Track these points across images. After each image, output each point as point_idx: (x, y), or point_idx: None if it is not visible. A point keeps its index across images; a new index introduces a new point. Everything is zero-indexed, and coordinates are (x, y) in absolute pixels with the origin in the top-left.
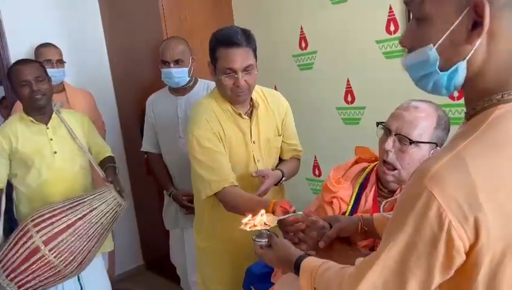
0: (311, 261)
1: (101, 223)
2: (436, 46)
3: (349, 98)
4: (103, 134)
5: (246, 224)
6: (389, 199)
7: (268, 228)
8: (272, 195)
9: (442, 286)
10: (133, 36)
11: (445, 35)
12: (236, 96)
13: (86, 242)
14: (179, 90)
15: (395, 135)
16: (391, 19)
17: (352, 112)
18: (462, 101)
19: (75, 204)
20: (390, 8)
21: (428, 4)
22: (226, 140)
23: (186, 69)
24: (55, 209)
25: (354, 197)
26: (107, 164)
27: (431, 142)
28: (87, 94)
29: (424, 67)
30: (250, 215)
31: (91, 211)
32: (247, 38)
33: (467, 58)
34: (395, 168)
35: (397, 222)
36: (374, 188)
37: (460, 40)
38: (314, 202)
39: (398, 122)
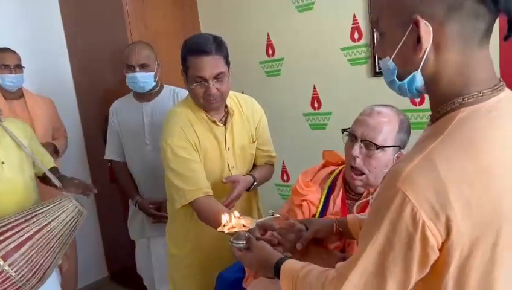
0: (292, 264)
1: (62, 233)
2: (392, 58)
3: (316, 104)
4: (65, 142)
5: (224, 226)
6: (361, 201)
7: (246, 229)
8: (245, 200)
9: (416, 283)
10: (97, 41)
11: (397, 49)
12: (209, 104)
13: (47, 255)
14: (144, 96)
15: (361, 141)
16: (355, 27)
17: (318, 118)
18: (423, 106)
19: (31, 216)
20: (355, 16)
21: (381, 23)
22: (201, 148)
23: (151, 74)
24: (10, 223)
25: (322, 200)
26: (55, 175)
27: (395, 146)
28: (48, 101)
29: (388, 74)
30: (228, 217)
31: (50, 221)
32: (218, 46)
33: (420, 68)
34: (362, 173)
35: (373, 224)
36: (341, 191)
37: (410, 53)
38: (284, 206)
39: (363, 128)
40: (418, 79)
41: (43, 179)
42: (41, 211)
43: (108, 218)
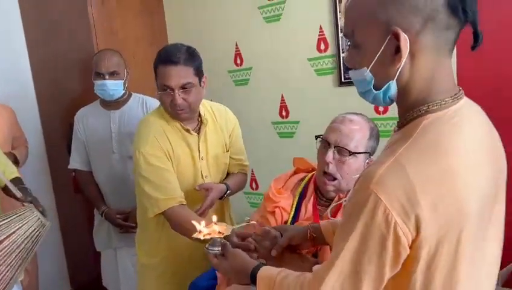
0: (268, 270)
1: (24, 246)
2: (369, 69)
3: (284, 113)
4: (25, 151)
5: (199, 232)
6: (334, 204)
7: (222, 236)
8: (217, 210)
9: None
10: (60, 48)
11: (374, 60)
12: (176, 114)
13: (7, 269)
14: (112, 104)
15: (334, 147)
16: (321, 39)
17: (287, 126)
18: (386, 115)
19: None
20: (321, 28)
21: (358, 35)
22: (174, 157)
23: (121, 82)
24: None
25: (294, 206)
26: (17, 185)
27: (366, 152)
28: (7, 109)
29: (363, 85)
30: (203, 223)
31: (11, 234)
32: (189, 57)
33: (396, 77)
34: (335, 179)
35: (348, 226)
36: (312, 196)
37: (387, 63)
38: (256, 213)
39: (336, 135)
40: (393, 88)
41: (5, 189)
42: (1, 223)
43: (71, 230)
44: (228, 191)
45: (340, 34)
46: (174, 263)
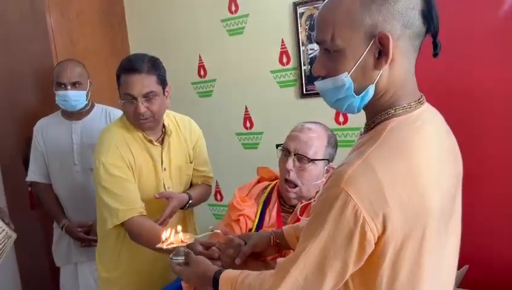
0: (230, 272)
1: None
2: (350, 73)
3: (248, 124)
4: None
5: (163, 242)
6: (302, 204)
7: (185, 245)
8: (181, 220)
9: (353, 275)
10: (15, 58)
11: (357, 64)
12: (139, 124)
13: None
14: (74, 115)
15: (294, 155)
16: (283, 52)
17: (251, 137)
18: (346, 125)
19: None
20: (283, 41)
21: (339, 40)
22: (136, 168)
23: (84, 92)
24: None
25: (258, 214)
26: None
27: (325, 159)
28: None
29: (339, 92)
30: (168, 233)
31: None
32: (152, 66)
33: (375, 81)
34: (296, 185)
35: (317, 222)
36: (276, 204)
37: (369, 66)
38: (221, 222)
39: (295, 143)
40: (371, 92)
41: None
42: None
43: (27, 247)
44: (190, 201)
45: (302, 48)
46: (136, 276)
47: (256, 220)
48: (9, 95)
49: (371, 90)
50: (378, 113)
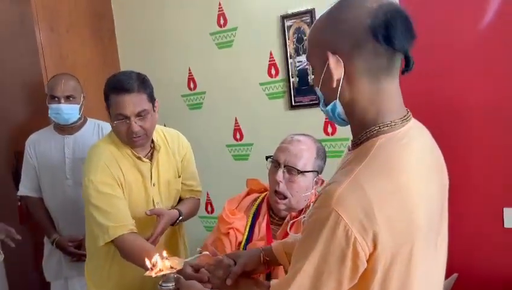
0: None
1: None
2: (319, 88)
3: (238, 136)
4: None
5: (151, 269)
6: (291, 221)
7: (174, 271)
8: (170, 237)
9: None
10: (4, 72)
11: (320, 80)
12: (132, 142)
13: None
14: (66, 129)
15: (284, 166)
16: (272, 64)
17: (241, 149)
18: (335, 136)
19: None
20: (271, 54)
21: (310, 57)
22: (126, 184)
23: (77, 106)
24: None
25: (248, 226)
26: None
27: (314, 171)
28: None
29: (320, 102)
30: (155, 260)
31: None
32: (141, 84)
33: (337, 97)
34: (285, 197)
35: (308, 243)
36: (266, 217)
37: (329, 84)
38: (211, 236)
39: (285, 155)
40: (338, 106)
41: None
42: None
43: (16, 263)
44: (180, 217)
45: (290, 60)
46: None
47: (246, 233)
48: None
49: (337, 105)
50: (362, 130)
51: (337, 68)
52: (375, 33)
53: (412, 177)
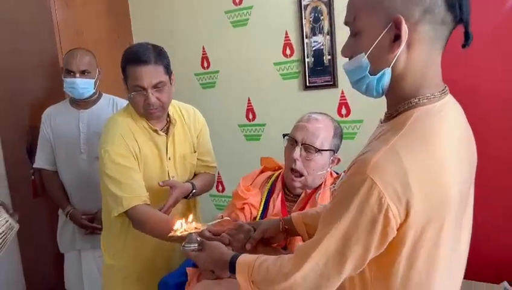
0: (247, 257)
1: None
2: (367, 54)
3: (251, 116)
4: None
5: (175, 230)
6: (321, 191)
7: (199, 231)
8: (184, 210)
9: (370, 262)
10: (18, 49)
11: (373, 46)
12: (149, 114)
13: None
14: (81, 104)
15: (301, 144)
16: (287, 44)
17: (253, 129)
18: (349, 118)
19: None
20: (287, 33)
21: (360, 21)
22: (142, 157)
23: (92, 81)
24: None
25: (263, 202)
26: None
27: (330, 150)
28: None
29: (358, 72)
30: (180, 222)
31: None
32: (158, 55)
33: (391, 65)
34: (302, 175)
35: (339, 208)
36: (280, 193)
37: (385, 50)
38: (226, 211)
39: (303, 133)
40: (387, 76)
41: None
42: None
43: (30, 236)
44: (194, 191)
45: (306, 40)
46: (141, 264)
47: (261, 209)
48: (13, 85)
49: (387, 73)
50: (400, 102)
51: (405, 33)
52: (450, 0)
53: (447, 151)
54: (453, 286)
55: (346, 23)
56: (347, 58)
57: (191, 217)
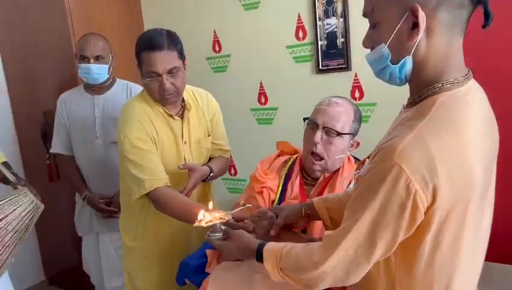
0: (274, 245)
1: (18, 229)
2: (387, 44)
3: (263, 100)
4: None
5: (200, 221)
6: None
7: (224, 221)
8: (201, 193)
9: None
10: (32, 33)
11: (392, 35)
12: (164, 99)
13: (2, 250)
14: (95, 89)
15: (322, 128)
16: (300, 26)
17: (265, 113)
18: (362, 101)
19: None
20: (299, 16)
21: (378, 13)
22: (159, 141)
23: (106, 66)
24: None
25: (281, 186)
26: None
27: (350, 133)
28: None
29: (380, 62)
30: (203, 212)
31: (5, 216)
32: (171, 41)
33: (411, 53)
34: (322, 158)
35: (368, 195)
36: (298, 177)
37: (404, 38)
38: (244, 194)
39: (324, 116)
40: (408, 63)
41: None
42: None
43: (46, 219)
44: (211, 174)
45: (319, 22)
46: (160, 246)
47: (279, 193)
48: (27, 70)
49: (408, 61)
50: (423, 88)
51: (422, 21)
52: None
53: (472, 135)
54: (476, 266)
55: (364, 14)
56: (362, 43)
57: (210, 205)
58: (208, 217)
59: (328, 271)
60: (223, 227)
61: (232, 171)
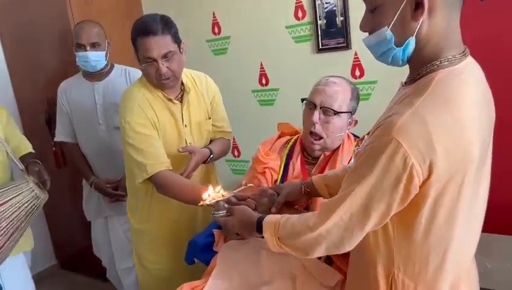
0: (273, 216)
1: (16, 216)
2: (390, 27)
3: (264, 81)
4: None
5: (204, 199)
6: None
7: (225, 198)
8: (204, 174)
9: (393, 216)
10: (33, 21)
11: (395, 17)
12: (162, 84)
13: None
14: (95, 76)
15: (320, 108)
16: (299, 6)
17: (267, 94)
18: (362, 79)
19: None
20: None
21: None
22: (160, 126)
23: (103, 53)
24: None
25: (282, 166)
26: (28, 160)
27: (348, 112)
28: None
29: (383, 45)
30: (208, 192)
31: (3, 203)
32: (165, 25)
33: (415, 33)
34: (321, 138)
35: (365, 167)
36: (299, 156)
37: (407, 19)
38: (247, 175)
39: (321, 96)
40: (411, 45)
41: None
42: None
43: (55, 205)
44: (212, 155)
45: (317, 1)
46: (167, 227)
47: (281, 172)
48: (29, 57)
49: (411, 42)
50: (422, 65)
51: (427, 0)
52: None
53: (469, 111)
54: (472, 238)
55: None
56: (359, 27)
57: (218, 187)
58: (212, 195)
59: (323, 234)
60: (226, 205)
61: (236, 153)
